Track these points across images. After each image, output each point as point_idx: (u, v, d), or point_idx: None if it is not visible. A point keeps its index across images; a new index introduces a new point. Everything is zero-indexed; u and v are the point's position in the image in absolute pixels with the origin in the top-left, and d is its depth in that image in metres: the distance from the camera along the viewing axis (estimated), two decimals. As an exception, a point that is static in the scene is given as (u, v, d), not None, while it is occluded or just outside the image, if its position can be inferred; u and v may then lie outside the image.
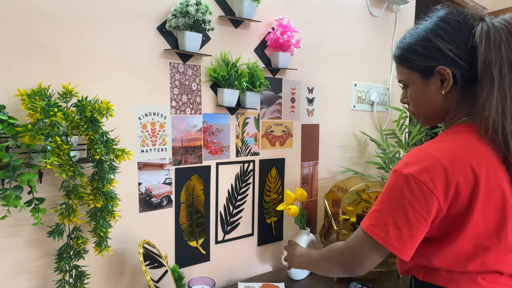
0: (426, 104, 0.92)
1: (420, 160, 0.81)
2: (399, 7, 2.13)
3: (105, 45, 1.16)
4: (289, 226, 1.75)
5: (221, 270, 1.53)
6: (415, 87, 0.92)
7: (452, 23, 0.85)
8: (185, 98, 1.36)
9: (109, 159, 1.08)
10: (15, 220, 1.05)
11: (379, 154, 1.95)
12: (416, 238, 0.81)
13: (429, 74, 0.88)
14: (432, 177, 0.78)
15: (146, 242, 1.19)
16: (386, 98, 2.15)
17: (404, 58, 0.92)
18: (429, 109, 0.92)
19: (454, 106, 0.89)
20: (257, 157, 1.60)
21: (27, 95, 0.95)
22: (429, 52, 0.86)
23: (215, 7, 1.40)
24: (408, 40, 0.92)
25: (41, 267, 1.11)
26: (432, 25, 0.87)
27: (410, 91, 0.93)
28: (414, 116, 0.99)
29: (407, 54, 0.91)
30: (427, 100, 0.91)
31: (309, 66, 1.75)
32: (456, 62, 0.84)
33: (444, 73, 0.85)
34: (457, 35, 0.84)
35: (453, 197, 0.79)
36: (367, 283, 1.52)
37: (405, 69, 0.93)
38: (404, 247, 0.81)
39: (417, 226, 0.80)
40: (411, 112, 0.98)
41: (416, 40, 0.89)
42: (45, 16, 1.05)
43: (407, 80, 0.94)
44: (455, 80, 0.85)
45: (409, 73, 0.92)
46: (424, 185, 0.78)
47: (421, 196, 0.78)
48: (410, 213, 0.79)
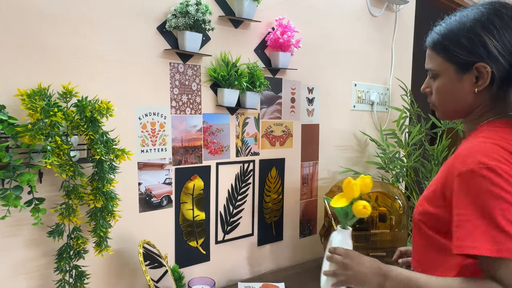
0: (453, 99, 0.85)
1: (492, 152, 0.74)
2: (399, 7, 2.13)
3: (105, 45, 1.16)
4: (289, 226, 1.75)
5: (221, 270, 1.53)
6: (446, 79, 0.85)
7: (505, 18, 0.78)
8: (185, 98, 1.36)
9: (109, 159, 1.08)
10: (15, 220, 1.05)
11: (379, 154, 1.95)
12: None
13: (465, 69, 0.81)
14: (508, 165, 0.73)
15: (146, 242, 1.19)
16: (386, 98, 2.15)
17: (444, 47, 0.84)
18: (454, 105, 0.86)
19: (484, 104, 0.84)
20: (257, 157, 1.60)
21: (27, 95, 0.95)
22: (474, 46, 0.79)
23: (215, 7, 1.40)
24: (451, 28, 0.83)
25: (41, 267, 1.11)
26: (482, 17, 0.79)
27: (439, 82, 0.86)
28: (433, 108, 0.92)
29: (448, 43, 0.83)
30: (456, 96, 0.84)
31: (309, 66, 1.75)
32: (499, 61, 0.78)
33: (484, 71, 0.79)
34: (506, 32, 0.78)
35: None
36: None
37: (441, 59, 0.85)
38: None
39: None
40: (431, 103, 0.91)
41: (461, 30, 0.81)
42: (45, 16, 1.05)
43: (439, 70, 0.86)
44: (491, 80, 0.80)
45: (444, 63, 0.84)
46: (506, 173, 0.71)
47: (506, 184, 0.71)
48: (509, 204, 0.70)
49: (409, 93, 2.06)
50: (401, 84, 2.09)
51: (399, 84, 2.12)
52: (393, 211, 1.61)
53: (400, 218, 1.59)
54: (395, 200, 1.62)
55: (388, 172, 1.96)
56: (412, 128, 1.91)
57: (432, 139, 2.15)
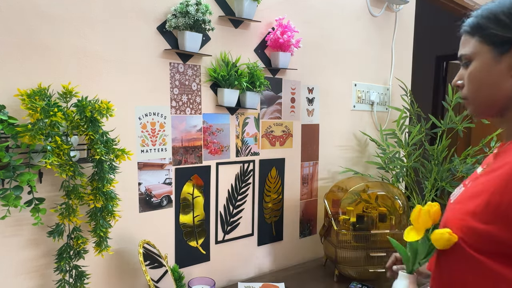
0: (487, 86, 0.76)
1: None
2: (399, 7, 2.13)
3: (105, 45, 1.16)
4: (289, 226, 1.75)
5: (221, 270, 1.53)
6: (480, 63, 0.76)
7: None
8: (185, 98, 1.36)
9: (109, 159, 1.08)
10: (15, 220, 1.05)
11: (379, 154, 1.95)
12: None
13: (504, 49, 0.73)
14: None
15: (146, 242, 1.19)
16: (386, 98, 2.15)
17: (480, 27, 0.76)
18: (489, 93, 0.76)
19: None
20: (257, 157, 1.60)
21: (27, 95, 0.95)
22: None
23: (215, 7, 1.40)
24: (491, 7, 0.76)
25: (41, 267, 1.11)
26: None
27: (473, 67, 0.78)
28: (466, 104, 0.83)
29: (484, 21, 0.76)
30: (490, 81, 0.75)
31: (309, 66, 1.75)
32: None
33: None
34: None
35: None
36: (367, 283, 1.52)
37: (475, 41, 0.77)
38: None
39: None
40: (463, 98, 0.82)
41: (501, 8, 0.74)
42: (45, 16, 1.05)
43: (473, 54, 0.77)
44: None
45: (479, 45, 0.76)
46: None
47: None
48: None
49: (409, 93, 2.06)
50: (401, 84, 2.09)
51: (399, 84, 2.12)
52: (393, 211, 1.61)
53: (400, 218, 1.59)
54: (395, 200, 1.62)
55: (388, 172, 1.96)
56: (412, 128, 1.91)
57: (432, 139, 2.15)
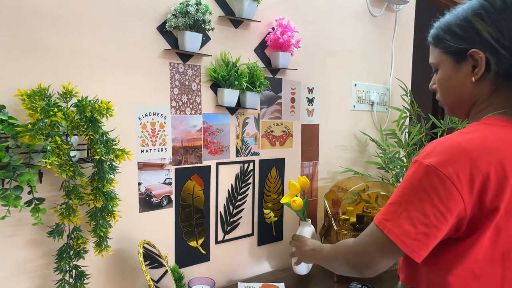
0: (453, 91, 0.84)
1: (444, 150, 0.72)
2: (399, 7, 2.13)
3: (105, 45, 1.16)
4: (289, 226, 1.75)
5: (221, 270, 1.53)
6: (444, 71, 0.84)
7: (498, 3, 0.75)
8: (185, 98, 1.36)
9: (109, 159, 1.08)
10: (15, 220, 1.05)
11: (379, 154, 1.95)
12: (432, 237, 0.72)
13: (461, 57, 0.80)
14: (456, 169, 0.69)
15: (146, 242, 1.19)
16: (386, 98, 2.15)
17: (438, 38, 0.84)
18: (456, 97, 0.84)
19: (484, 97, 0.80)
20: (257, 157, 1.60)
21: (27, 95, 0.95)
22: (465, 32, 0.78)
23: (215, 7, 1.40)
24: (447, 19, 0.83)
25: (41, 267, 1.11)
26: (475, 4, 0.78)
27: (439, 75, 0.86)
28: (441, 105, 0.91)
29: (441, 33, 0.83)
30: (455, 86, 0.83)
31: (309, 66, 1.75)
32: (494, 47, 0.75)
33: (477, 57, 0.76)
34: (501, 17, 0.75)
35: (479, 194, 0.69)
36: (367, 283, 1.52)
37: (438, 51, 0.85)
38: (417, 246, 0.72)
39: (434, 224, 0.71)
40: (438, 99, 0.90)
41: (454, 20, 0.81)
42: (45, 16, 1.05)
43: (438, 63, 0.86)
44: (488, 68, 0.76)
45: (441, 55, 0.84)
46: (447, 178, 0.69)
47: (442, 191, 0.70)
48: (427, 209, 0.71)
49: (409, 93, 2.06)
50: (401, 84, 2.09)
51: (399, 84, 2.12)
52: (393, 211, 1.60)
53: (400, 218, 1.58)
54: (395, 200, 1.62)
55: (388, 172, 1.96)
56: (412, 128, 1.91)
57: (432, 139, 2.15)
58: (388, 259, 0.78)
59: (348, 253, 0.88)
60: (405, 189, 0.75)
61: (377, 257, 0.79)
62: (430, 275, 0.79)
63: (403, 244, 0.73)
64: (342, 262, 0.89)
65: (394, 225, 0.74)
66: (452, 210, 0.70)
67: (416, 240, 0.72)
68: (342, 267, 0.90)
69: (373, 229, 0.79)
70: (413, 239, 0.72)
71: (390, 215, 0.76)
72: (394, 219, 0.74)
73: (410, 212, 0.73)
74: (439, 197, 0.70)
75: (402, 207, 0.74)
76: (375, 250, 0.79)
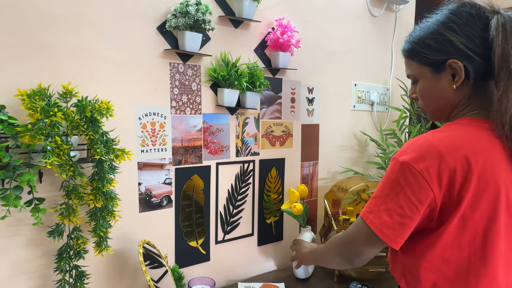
0: (436, 99, 0.90)
1: (417, 148, 0.80)
2: (399, 7, 2.13)
3: (105, 45, 1.16)
4: (289, 226, 1.75)
5: (221, 270, 1.53)
6: (425, 81, 0.90)
7: (465, 15, 0.83)
8: (185, 98, 1.36)
9: (109, 159, 1.08)
10: (15, 220, 1.05)
11: (379, 154, 1.95)
12: (407, 226, 0.80)
13: (440, 68, 0.86)
14: (427, 165, 0.77)
15: (146, 242, 1.19)
16: (386, 98, 2.15)
17: (414, 52, 0.90)
18: (439, 104, 0.90)
19: (464, 100, 0.86)
20: (257, 157, 1.60)
21: (27, 95, 0.95)
22: (440, 45, 0.84)
23: (215, 7, 1.40)
24: (418, 33, 0.89)
25: (41, 267, 1.11)
26: (443, 18, 0.85)
27: (420, 85, 0.91)
28: (423, 112, 0.97)
29: (417, 47, 0.89)
30: (438, 95, 0.88)
31: (309, 66, 1.75)
32: (469, 55, 0.82)
33: (456, 66, 0.83)
34: (470, 27, 0.82)
35: (447, 186, 0.77)
36: (367, 283, 1.52)
37: (415, 64, 0.91)
38: (394, 234, 0.80)
39: (408, 214, 0.79)
40: (420, 107, 0.96)
41: (426, 33, 0.87)
42: (45, 16, 1.05)
43: (417, 74, 0.92)
44: (467, 74, 0.83)
45: (419, 67, 0.90)
46: (419, 173, 0.77)
47: (414, 184, 0.78)
48: (402, 200, 0.79)
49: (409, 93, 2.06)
50: (401, 84, 2.09)
51: (399, 84, 2.12)
52: (393, 211, 1.60)
53: (400, 218, 1.58)
54: (395, 200, 1.62)
55: (388, 172, 1.96)
56: (412, 128, 1.91)
57: (432, 139, 2.15)
58: (372, 248, 0.88)
59: (338, 244, 0.97)
60: (384, 184, 0.83)
61: (362, 247, 0.88)
62: (405, 261, 0.87)
63: (382, 234, 0.81)
64: (334, 254, 0.99)
65: (374, 216, 0.83)
66: (423, 201, 0.78)
67: (393, 229, 0.80)
68: (335, 259, 0.99)
69: (358, 221, 0.88)
70: (390, 228, 0.81)
71: (372, 208, 0.84)
72: (374, 211, 0.83)
73: (387, 204, 0.81)
74: (412, 190, 0.78)
75: (381, 200, 0.83)
76: (360, 240, 0.88)
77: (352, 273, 1.54)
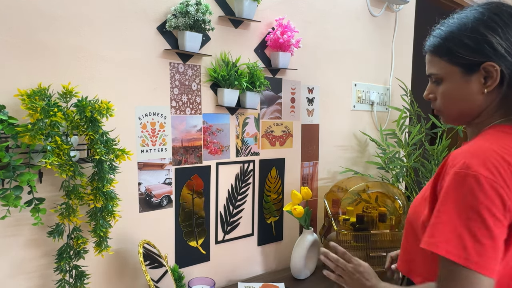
0: (461, 102, 0.82)
1: (486, 159, 0.71)
2: (399, 7, 2.13)
3: (105, 45, 1.16)
4: (289, 226, 1.75)
5: (221, 270, 1.53)
6: (452, 82, 0.82)
7: (506, 16, 0.77)
8: (185, 98, 1.36)
9: (109, 159, 1.08)
10: (15, 220, 1.05)
11: (379, 154, 1.95)
12: (500, 249, 0.69)
13: (472, 70, 0.79)
14: (503, 176, 0.70)
15: (146, 242, 1.19)
16: (386, 98, 2.15)
17: (446, 50, 0.82)
18: (464, 107, 0.83)
19: (491, 106, 0.81)
20: (257, 157, 1.60)
21: (27, 95, 0.95)
22: (479, 45, 0.77)
23: (215, 7, 1.40)
24: (451, 30, 0.81)
25: (41, 267, 1.11)
26: (483, 16, 0.78)
27: (445, 87, 0.84)
28: (439, 113, 0.89)
29: (450, 45, 0.81)
30: (464, 98, 0.82)
31: (309, 66, 1.75)
32: (506, 59, 0.76)
33: (492, 70, 0.77)
34: (510, 30, 0.77)
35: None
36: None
37: (444, 62, 0.83)
38: (488, 262, 0.68)
39: (498, 235, 0.68)
40: (436, 109, 0.89)
41: (463, 31, 0.79)
42: (45, 16, 1.05)
43: (443, 74, 0.83)
44: (501, 79, 0.78)
45: (448, 66, 0.82)
46: (499, 185, 0.69)
47: (497, 199, 0.68)
48: (489, 220, 0.68)
49: (409, 93, 2.06)
50: (401, 84, 2.09)
51: (399, 84, 2.12)
52: (393, 211, 1.61)
53: (400, 218, 1.59)
54: (395, 200, 1.62)
55: (388, 172, 1.96)
56: (412, 128, 1.91)
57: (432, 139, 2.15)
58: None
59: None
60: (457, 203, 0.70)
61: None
62: None
63: (473, 264, 0.68)
64: None
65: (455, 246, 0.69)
66: (507, 216, 0.70)
67: (487, 256, 0.68)
68: None
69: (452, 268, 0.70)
70: (484, 256, 0.68)
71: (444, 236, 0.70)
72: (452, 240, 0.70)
73: (471, 228, 0.69)
74: (496, 206, 0.69)
75: (458, 224, 0.70)
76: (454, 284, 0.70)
77: (352, 273, 1.54)
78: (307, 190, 1.60)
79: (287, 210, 1.58)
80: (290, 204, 1.59)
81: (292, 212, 1.54)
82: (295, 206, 1.54)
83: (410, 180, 1.96)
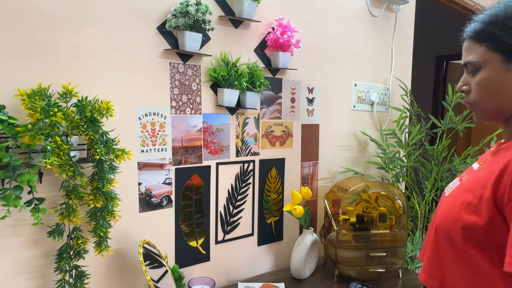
0: (499, 94, 0.75)
1: None
2: (399, 7, 2.13)
3: (105, 45, 1.16)
4: (289, 226, 1.75)
5: (221, 270, 1.53)
6: (491, 71, 0.75)
7: None
8: (185, 98, 1.36)
9: (109, 159, 1.08)
10: (15, 220, 1.05)
11: (379, 154, 1.95)
12: None
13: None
14: None
15: (146, 242, 1.19)
16: (386, 98, 2.15)
17: (487, 34, 0.74)
18: (500, 101, 0.75)
19: None
20: (257, 157, 1.60)
21: (27, 95, 0.95)
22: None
23: (215, 7, 1.40)
24: (497, 13, 0.74)
25: (41, 267, 1.11)
26: None
27: (483, 75, 0.76)
28: (472, 108, 0.82)
29: (493, 29, 0.73)
30: (503, 89, 0.74)
31: (309, 66, 1.75)
32: None
33: None
34: None
35: None
36: (367, 283, 1.52)
37: (484, 48, 0.75)
38: None
39: None
40: (470, 103, 0.81)
41: (509, 14, 0.72)
42: (45, 16, 1.05)
43: (482, 61, 0.76)
44: None
45: (488, 53, 0.74)
46: None
47: None
48: None
49: (409, 93, 2.06)
50: (401, 84, 2.09)
51: (399, 84, 2.12)
52: (393, 211, 1.61)
53: (400, 218, 1.59)
54: (395, 200, 1.62)
55: (388, 172, 1.96)
56: (412, 128, 1.91)
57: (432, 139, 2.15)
58: None
59: None
60: None
61: None
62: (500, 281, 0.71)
63: None
64: None
65: None
66: None
67: None
68: None
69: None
70: None
71: None
72: None
73: None
74: None
75: None
76: None
77: (352, 273, 1.54)
78: (307, 190, 1.61)
79: (287, 210, 1.58)
80: (290, 204, 1.59)
81: (292, 212, 1.54)
82: (295, 206, 1.54)
83: (410, 180, 1.96)
